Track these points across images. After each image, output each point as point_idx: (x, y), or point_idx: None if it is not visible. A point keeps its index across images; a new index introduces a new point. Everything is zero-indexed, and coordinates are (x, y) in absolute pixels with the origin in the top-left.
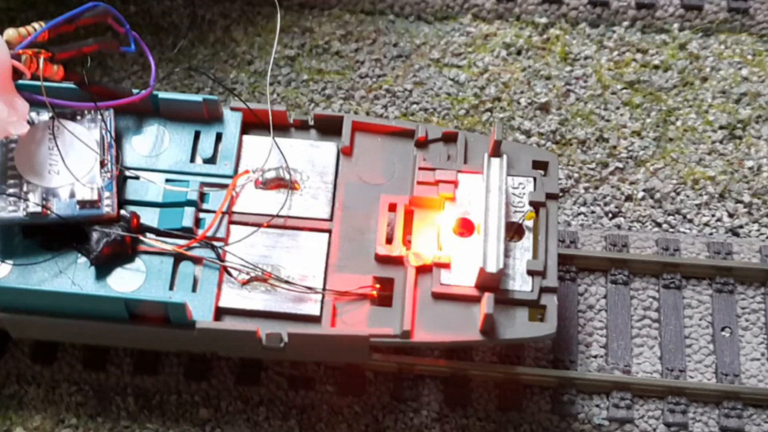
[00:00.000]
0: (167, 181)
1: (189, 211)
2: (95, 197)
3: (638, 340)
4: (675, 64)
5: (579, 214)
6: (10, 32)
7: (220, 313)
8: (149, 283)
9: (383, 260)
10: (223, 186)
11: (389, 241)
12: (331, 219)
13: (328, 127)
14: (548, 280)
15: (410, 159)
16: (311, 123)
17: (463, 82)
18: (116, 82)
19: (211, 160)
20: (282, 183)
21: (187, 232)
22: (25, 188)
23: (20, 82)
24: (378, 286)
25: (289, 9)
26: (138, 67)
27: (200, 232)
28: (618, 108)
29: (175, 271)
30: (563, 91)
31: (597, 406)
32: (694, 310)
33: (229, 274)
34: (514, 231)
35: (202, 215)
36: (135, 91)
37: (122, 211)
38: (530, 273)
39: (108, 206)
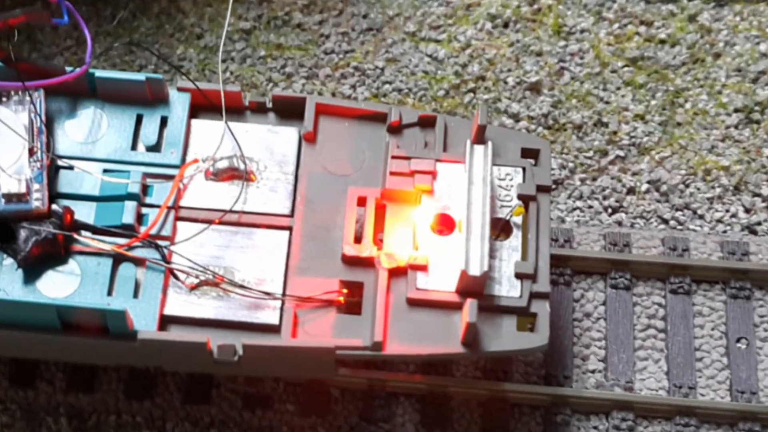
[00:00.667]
0: (105, 171)
1: (130, 205)
2: (23, 190)
3: (642, 353)
4: (684, 38)
5: (574, 209)
6: None
7: (166, 321)
8: (84, 287)
9: (351, 262)
10: (169, 177)
11: (358, 240)
12: (291, 215)
13: (289, 110)
14: (539, 284)
15: (382, 146)
16: (269, 105)
17: (442, 58)
18: (47, 58)
19: (155, 148)
20: (236, 174)
21: (127, 230)
22: None
23: None
24: (345, 291)
25: None
26: (72, 42)
27: (143, 229)
28: (619, 88)
29: (114, 275)
30: (556, 69)
31: (595, 427)
32: (705, 319)
33: (176, 277)
34: (500, 228)
35: (144, 210)
36: (68, 69)
37: (54, 206)
38: (519, 276)
39: (38, 200)
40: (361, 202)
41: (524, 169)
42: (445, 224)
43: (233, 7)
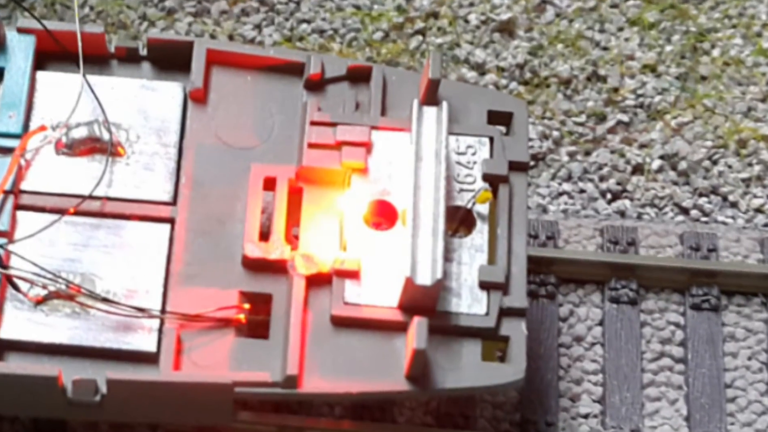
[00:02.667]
0: None
1: None
2: None
3: (653, 391)
4: None
5: (561, 194)
6: None
7: (2, 348)
8: None
9: (255, 266)
10: (6, 150)
11: (264, 236)
12: (174, 202)
13: (170, 59)
14: (512, 297)
15: (297, 109)
16: (143, 53)
17: None
18: None
19: None
20: (98, 146)
21: None
22: None
23: None
24: (247, 306)
25: None
26: None
27: None
28: (621, 29)
29: None
30: (536, 3)
31: None
32: (739, 344)
33: (16, 287)
34: (459, 221)
35: None
36: None
37: None
38: (485, 286)
39: None
40: (269, 184)
41: (492, 140)
42: (384, 215)
43: None
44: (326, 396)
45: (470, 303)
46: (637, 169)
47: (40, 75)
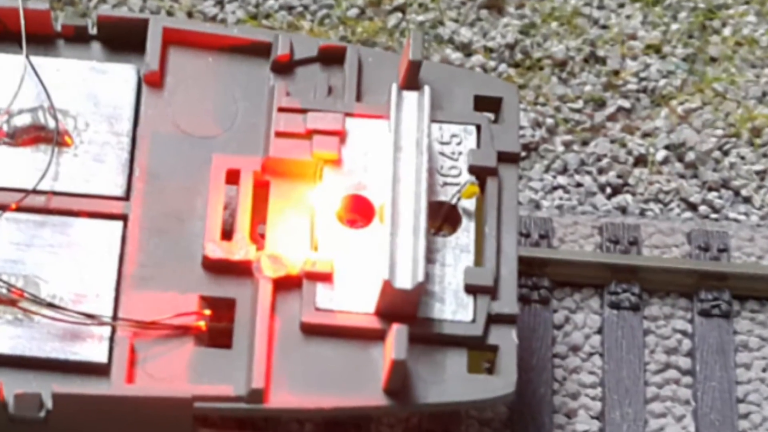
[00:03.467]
0: None
1: None
2: None
3: (657, 406)
4: None
5: (556, 188)
6: None
7: None
8: None
9: (217, 268)
10: None
11: (227, 235)
12: (127, 197)
13: (123, 39)
14: (502, 302)
15: (263, 93)
16: (93, 31)
17: None
18: None
19: None
20: (42, 135)
21: None
22: None
23: None
24: (208, 312)
25: None
26: None
27: None
28: (622, 5)
29: None
30: None
31: None
32: (752, 354)
33: None
34: (443, 218)
35: None
36: None
37: None
38: (471, 290)
39: None
40: (232, 177)
41: (479, 128)
42: (360, 211)
43: None
44: (295, 411)
45: (455, 309)
46: (640, 161)
47: None
